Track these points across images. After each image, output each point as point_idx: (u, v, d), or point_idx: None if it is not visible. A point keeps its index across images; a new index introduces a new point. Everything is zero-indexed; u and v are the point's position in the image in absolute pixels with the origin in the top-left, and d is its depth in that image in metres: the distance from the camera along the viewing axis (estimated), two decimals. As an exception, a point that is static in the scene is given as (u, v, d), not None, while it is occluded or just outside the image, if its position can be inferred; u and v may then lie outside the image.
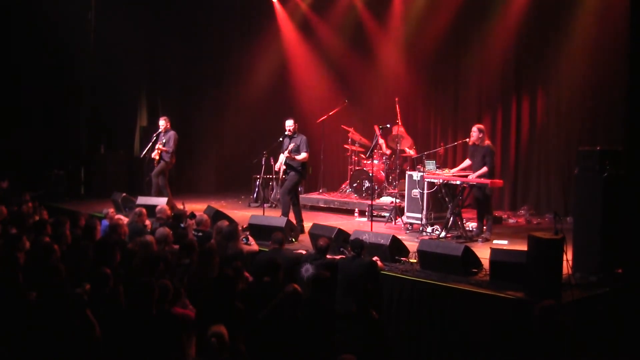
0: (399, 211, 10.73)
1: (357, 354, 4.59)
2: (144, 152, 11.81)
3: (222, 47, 14.94)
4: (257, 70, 15.00)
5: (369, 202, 10.50)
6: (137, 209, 8.92)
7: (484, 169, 9.10)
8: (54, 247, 6.63)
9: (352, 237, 7.66)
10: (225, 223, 8.18)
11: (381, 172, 12.03)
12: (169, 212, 9.06)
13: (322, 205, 12.32)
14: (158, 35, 14.32)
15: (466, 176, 9.29)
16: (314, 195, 12.81)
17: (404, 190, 10.62)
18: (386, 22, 13.58)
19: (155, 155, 11.33)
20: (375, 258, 7.32)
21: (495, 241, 9.04)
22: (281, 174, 9.94)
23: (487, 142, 9.33)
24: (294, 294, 5.56)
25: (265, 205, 11.35)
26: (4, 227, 8.13)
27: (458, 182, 9.30)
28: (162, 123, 11.50)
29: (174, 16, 14.53)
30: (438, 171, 9.70)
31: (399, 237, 8.18)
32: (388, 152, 12.20)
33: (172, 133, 11.43)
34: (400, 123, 12.11)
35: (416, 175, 10.30)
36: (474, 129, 9.36)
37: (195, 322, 5.30)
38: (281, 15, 14.84)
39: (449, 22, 12.66)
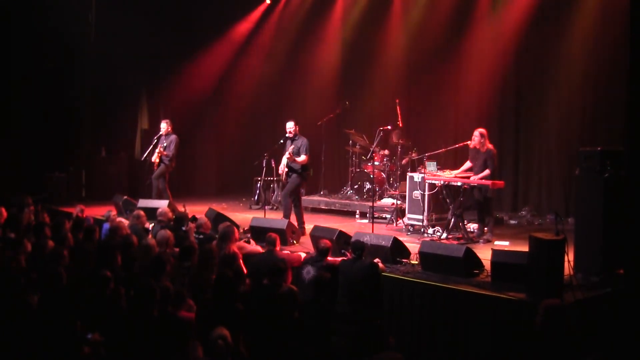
0: (400, 213, 10.73)
1: (350, 355, 4.58)
2: (144, 155, 11.82)
3: (223, 49, 14.93)
4: (258, 72, 15.02)
5: (370, 203, 10.50)
6: (136, 212, 8.94)
7: (487, 172, 9.07)
8: (64, 253, 6.60)
9: (353, 239, 7.63)
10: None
11: (382, 173, 12.02)
12: (170, 214, 9.04)
13: (323, 207, 12.32)
14: (159, 37, 14.30)
15: (467, 178, 9.28)
16: (315, 197, 12.80)
17: (405, 192, 10.62)
18: (386, 24, 13.58)
19: (155, 158, 11.33)
20: (376, 260, 7.30)
21: (496, 242, 9.02)
22: (283, 176, 9.93)
23: (489, 146, 9.23)
24: (290, 294, 5.53)
25: (266, 207, 11.34)
26: (4, 230, 8.12)
27: (459, 184, 9.28)
28: (164, 126, 11.49)
29: (175, 18, 14.53)
30: (439, 172, 9.69)
31: (400, 238, 8.16)
32: (387, 152, 12.22)
33: (173, 137, 11.42)
34: (401, 124, 12.10)
35: (417, 177, 10.29)
36: (476, 133, 9.28)
37: (196, 325, 5.29)
38: (282, 18, 14.86)
39: (449, 23, 12.68)
